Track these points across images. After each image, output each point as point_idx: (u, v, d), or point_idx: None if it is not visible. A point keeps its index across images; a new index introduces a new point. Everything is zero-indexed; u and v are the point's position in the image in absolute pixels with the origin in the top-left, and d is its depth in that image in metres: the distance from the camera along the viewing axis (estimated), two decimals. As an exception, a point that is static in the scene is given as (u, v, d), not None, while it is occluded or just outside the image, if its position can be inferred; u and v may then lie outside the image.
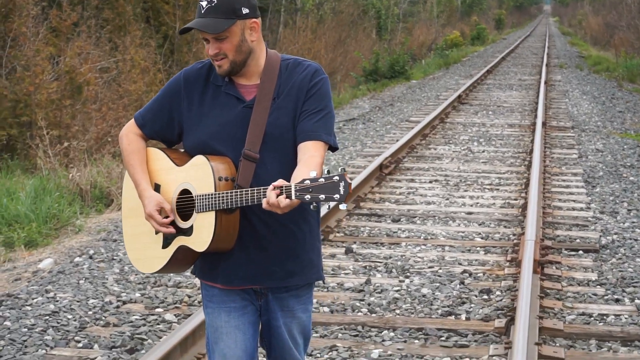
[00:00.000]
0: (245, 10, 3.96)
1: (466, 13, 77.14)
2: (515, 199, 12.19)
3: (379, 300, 8.04)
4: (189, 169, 4.04)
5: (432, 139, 17.72)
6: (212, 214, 3.92)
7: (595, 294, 8.25)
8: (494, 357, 6.78)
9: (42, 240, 10.72)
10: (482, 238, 10.32)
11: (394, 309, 7.85)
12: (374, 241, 10.10)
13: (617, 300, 8.10)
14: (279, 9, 39.66)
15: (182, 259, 4.12)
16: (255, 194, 3.79)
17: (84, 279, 8.50)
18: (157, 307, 7.72)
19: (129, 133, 4.23)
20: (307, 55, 34.24)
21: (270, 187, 3.68)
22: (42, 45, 19.20)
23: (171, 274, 8.47)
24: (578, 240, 10.12)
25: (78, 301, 7.82)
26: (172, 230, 4.04)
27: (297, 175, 3.77)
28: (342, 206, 3.61)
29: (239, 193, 3.85)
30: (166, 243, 4.10)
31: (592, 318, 7.65)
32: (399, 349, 6.94)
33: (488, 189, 12.94)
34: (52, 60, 19.78)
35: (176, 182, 4.08)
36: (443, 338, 7.21)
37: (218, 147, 4.01)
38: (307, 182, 3.63)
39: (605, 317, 7.67)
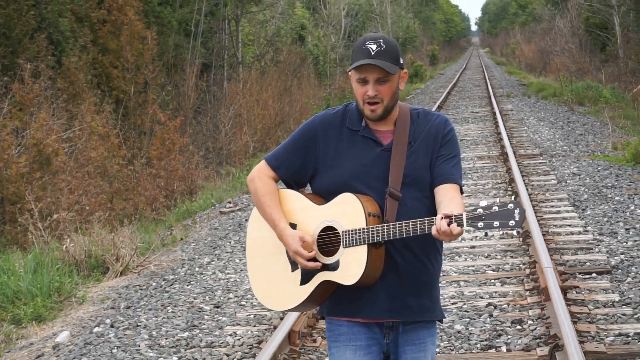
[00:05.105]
0: (401, 61, 4.21)
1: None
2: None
3: (415, 340, 8.06)
4: (333, 206, 4.20)
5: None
6: (364, 248, 4.08)
7: (624, 314, 8.37)
8: (550, 385, 6.85)
9: (48, 314, 10.61)
10: (493, 270, 10.41)
11: (433, 348, 7.88)
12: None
13: (648, 318, 8.22)
14: (222, 64, 39.82)
15: (321, 295, 4.25)
16: (419, 225, 3.99)
17: (115, 347, 8.45)
18: (199, 369, 7.69)
19: (261, 175, 4.39)
20: (256, 106, 34.41)
21: (439, 216, 3.90)
22: (7, 120, 19.11)
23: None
24: (588, 264, 10.25)
25: (119, 371, 7.77)
26: (318, 265, 4.15)
27: (450, 209, 3.98)
28: (515, 232, 3.81)
29: (397, 225, 4.03)
30: (305, 279, 4.22)
31: (630, 338, 7.75)
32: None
33: (481, 221, 13.00)
34: (16, 134, 19.68)
35: (316, 220, 4.22)
36: (491, 372, 7.27)
37: (358, 186, 4.19)
38: (480, 210, 3.89)
39: (642, 336, 7.78)
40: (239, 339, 8.42)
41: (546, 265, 9.37)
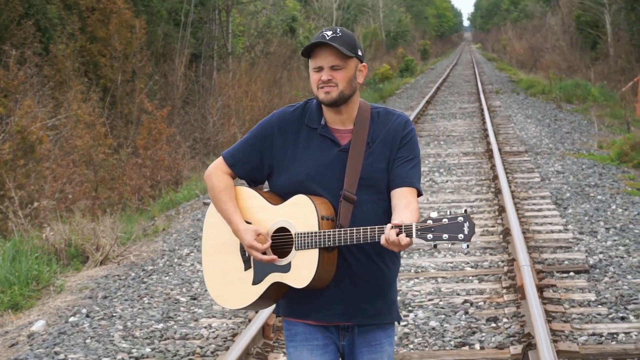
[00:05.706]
0: (360, 52, 4.14)
1: (392, 46, 77.78)
2: (493, 226, 12.30)
3: (389, 336, 8.05)
4: (287, 207, 4.13)
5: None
6: (315, 252, 4.03)
7: (599, 314, 8.37)
8: (521, 384, 6.84)
9: (25, 302, 10.56)
10: (471, 267, 10.41)
11: (407, 344, 7.88)
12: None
13: (622, 319, 8.23)
14: (212, 55, 39.73)
15: (272, 296, 4.22)
16: (369, 233, 3.92)
17: (89, 338, 8.41)
18: (171, 361, 7.67)
19: (218, 171, 4.32)
20: (245, 97, 34.35)
21: (389, 225, 3.83)
22: (-9, 107, 19.06)
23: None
24: (566, 262, 10.25)
25: (91, 362, 7.74)
26: (275, 257, 4.10)
27: (401, 218, 3.90)
28: (464, 245, 3.72)
29: (348, 232, 3.97)
30: (258, 279, 4.18)
31: (604, 338, 7.75)
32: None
33: (462, 218, 12.98)
34: (0, 121, 19.61)
35: (271, 220, 4.17)
36: (463, 369, 7.25)
37: (314, 187, 4.13)
38: (430, 222, 3.80)
39: (615, 336, 7.79)
40: (213, 332, 8.40)
41: (524, 264, 9.35)
